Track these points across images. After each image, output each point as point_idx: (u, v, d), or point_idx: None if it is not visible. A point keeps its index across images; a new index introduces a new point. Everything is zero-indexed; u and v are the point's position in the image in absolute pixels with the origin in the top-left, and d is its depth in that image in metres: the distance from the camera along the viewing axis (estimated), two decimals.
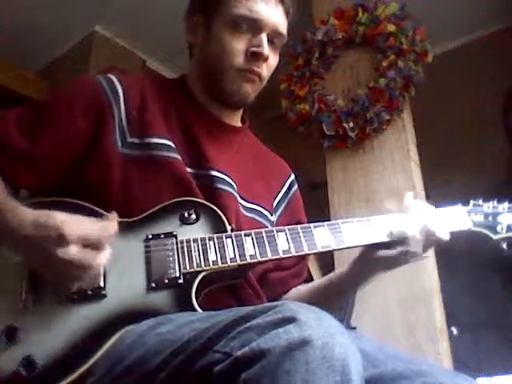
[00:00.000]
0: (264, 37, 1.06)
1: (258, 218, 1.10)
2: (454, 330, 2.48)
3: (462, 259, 2.64)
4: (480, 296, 2.66)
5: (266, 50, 1.06)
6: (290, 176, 1.27)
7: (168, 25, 3.06)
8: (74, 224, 0.79)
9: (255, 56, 1.06)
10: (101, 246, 0.80)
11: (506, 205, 1.07)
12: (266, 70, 1.10)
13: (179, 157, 1.02)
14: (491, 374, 2.07)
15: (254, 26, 1.06)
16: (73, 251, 0.77)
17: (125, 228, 0.92)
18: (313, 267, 2.33)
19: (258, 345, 0.63)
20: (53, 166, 0.99)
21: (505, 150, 3.07)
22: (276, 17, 1.08)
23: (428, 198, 2.33)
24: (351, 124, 2.42)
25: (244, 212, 1.08)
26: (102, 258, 0.80)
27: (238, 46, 1.05)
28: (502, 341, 2.55)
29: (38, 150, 0.98)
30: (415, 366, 0.84)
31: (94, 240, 0.79)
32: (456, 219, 1.04)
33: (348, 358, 0.63)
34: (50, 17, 3.19)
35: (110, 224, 0.82)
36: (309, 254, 0.97)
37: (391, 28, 2.44)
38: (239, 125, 1.20)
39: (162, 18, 3.15)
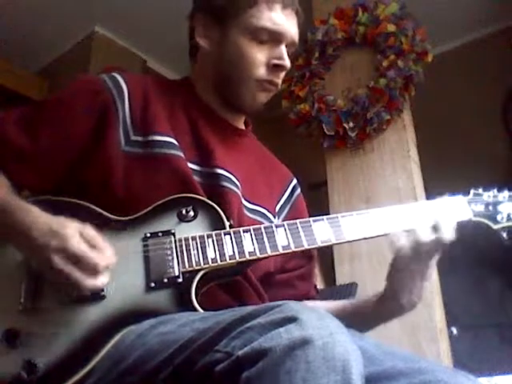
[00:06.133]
0: (284, 48, 1.07)
1: (260, 219, 1.09)
2: (454, 330, 2.47)
3: (462, 259, 2.64)
4: (480, 296, 2.66)
5: (288, 61, 1.07)
6: (292, 180, 1.26)
7: (168, 25, 3.07)
8: (79, 241, 0.80)
9: (277, 68, 1.07)
10: (94, 273, 0.81)
11: (506, 193, 1.05)
12: (282, 78, 1.11)
13: (181, 154, 1.02)
14: (491, 374, 2.07)
15: (276, 37, 1.06)
16: (67, 266, 0.79)
17: (122, 227, 0.92)
18: None
19: (260, 344, 0.63)
20: (55, 164, 0.99)
21: (505, 150, 3.07)
22: (293, 28, 1.09)
23: (428, 197, 2.33)
24: (351, 124, 2.43)
25: (247, 213, 1.07)
26: (91, 283, 0.81)
27: (259, 56, 1.05)
28: (501, 341, 2.55)
29: (39, 148, 0.97)
30: (415, 364, 0.84)
31: (90, 265, 0.80)
32: (457, 209, 1.02)
33: (349, 358, 0.63)
34: (50, 17, 3.20)
35: (109, 258, 0.83)
36: (308, 250, 0.96)
37: (391, 28, 2.44)
38: (243, 127, 1.19)
39: (162, 18, 3.15)
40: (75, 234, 0.81)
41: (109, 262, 0.82)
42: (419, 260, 0.95)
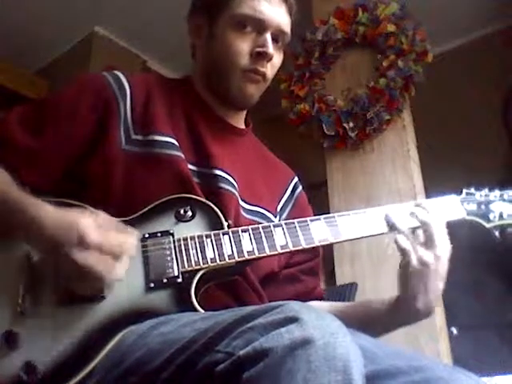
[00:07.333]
0: (268, 36, 1.05)
1: (259, 220, 1.09)
2: (454, 330, 2.47)
3: (462, 259, 2.63)
4: (480, 296, 2.66)
5: (271, 49, 1.05)
6: (293, 179, 1.25)
7: (168, 25, 3.07)
8: (97, 230, 0.79)
9: (260, 56, 1.05)
10: (119, 257, 0.80)
11: (497, 193, 1.07)
12: (271, 69, 1.09)
13: (182, 155, 1.02)
14: (491, 374, 2.07)
15: (258, 25, 1.05)
16: (91, 258, 0.77)
17: None
18: None
19: (261, 344, 0.63)
20: (58, 162, 0.99)
21: (505, 150, 3.07)
22: (280, 16, 1.07)
23: (428, 197, 2.33)
24: (351, 124, 2.43)
25: (244, 214, 1.07)
26: (118, 270, 0.80)
27: (243, 46, 1.05)
28: (501, 341, 2.55)
29: (43, 147, 0.97)
30: (414, 362, 0.84)
31: (115, 251, 0.79)
32: (450, 209, 1.04)
33: (350, 358, 0.62)
34: (50, 17, 3.20)
35: (132, 238, 0.82)
36: (307, 249, 0.96)
37: (391, 28, 2.44)
38: (243, 127, 1.19)
39: (162, 18, 3.16)
40: (90, 224, 0.79)
41: (132, 243, 0.82)
42: (426, 264, 0.93)
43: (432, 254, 0.93)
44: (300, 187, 1.25)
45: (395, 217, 0.97)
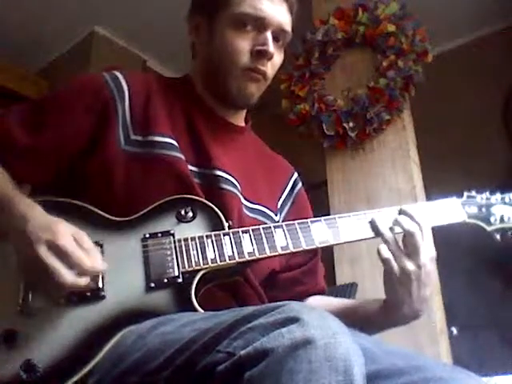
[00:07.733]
0: (269, 35, 1.05)
1: (261, 218, 1.09)
2: (454, 330, 2.47)
3: (462, 260, 2.64)
4: (480, 296, 2.66)
5: (272, 48, 1.04)
6: (293, 175, 1.25)
7: (168, 25, 3.07)
8: (71, 240, 0.81)
9: (260, 54, 1.04)
10: (78, 270, 0.81)
11: (498, 196, 1.07)
12: (271, 68, 1.08)
13: (182, 156, 1.02)
14: (491, 374, 2.07)
15: (259, 24, 1.04)
16: (50, 257, 0.79)
17: (121, 227, 0.92)
18: None
19: (262, 344, 0.63)
20: (57, 162, 0.99)
21: (505, 150, 3.07)
22: (280, 14, 1.06)
23: (428, 198, 2.33)
24: (351, 124, 2.43)
25: (247, 213, 1.07)
26: (69, 277, 0.80)
27: (243, 44, 1.04)
28: (501, 341, 2.55)
29: (42, 146, 0.98)
30: (414, 362, 0.84)
31: (75, 262, 0.80)
32: (451, 211, 1.04)
33: (350, 358, 0.62)
34: (50, 17, 3.20)
35: (98, 260, 0.84)
36: (307, 250, 0.96)
37: (391, 28, 2.44)
38: (243, 124, 1.19)
39: (162, 18, 3.15)
40: (68, 232, 0.81)
41: (96, 264, 0.83)
42: (406, 272, 0.92)
43: (415, 264, 0.92)
44: (300, 183, 1.25)
45: (380, 223, 0.96)
